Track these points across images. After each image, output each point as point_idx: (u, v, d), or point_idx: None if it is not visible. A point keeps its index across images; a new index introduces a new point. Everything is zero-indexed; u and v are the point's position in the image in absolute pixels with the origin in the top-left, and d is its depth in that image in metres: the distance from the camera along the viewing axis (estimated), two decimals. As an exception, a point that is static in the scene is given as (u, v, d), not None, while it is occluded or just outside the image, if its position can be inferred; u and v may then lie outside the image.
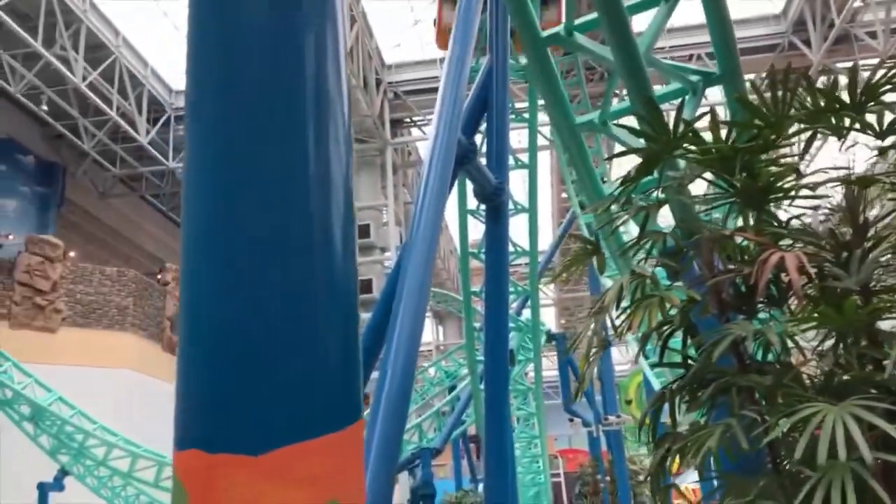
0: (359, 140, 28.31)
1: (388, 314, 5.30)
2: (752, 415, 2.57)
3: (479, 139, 8.33)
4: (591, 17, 4.31)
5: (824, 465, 2.14)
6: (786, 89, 2.86)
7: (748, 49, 25.24)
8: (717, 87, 4.78)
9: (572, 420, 20.31)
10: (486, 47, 8.69)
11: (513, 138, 11.00)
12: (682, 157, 3.31)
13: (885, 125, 2.87)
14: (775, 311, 3.27)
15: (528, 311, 17.44)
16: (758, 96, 2.92)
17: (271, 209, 1.69)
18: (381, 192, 28.89)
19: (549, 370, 23.13)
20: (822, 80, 3.07)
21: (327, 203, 1.69)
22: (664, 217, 4.01)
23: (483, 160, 8.02)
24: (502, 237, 8.19)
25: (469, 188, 9.81)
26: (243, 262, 1.68)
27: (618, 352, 24.52)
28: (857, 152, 3.32)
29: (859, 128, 3.02)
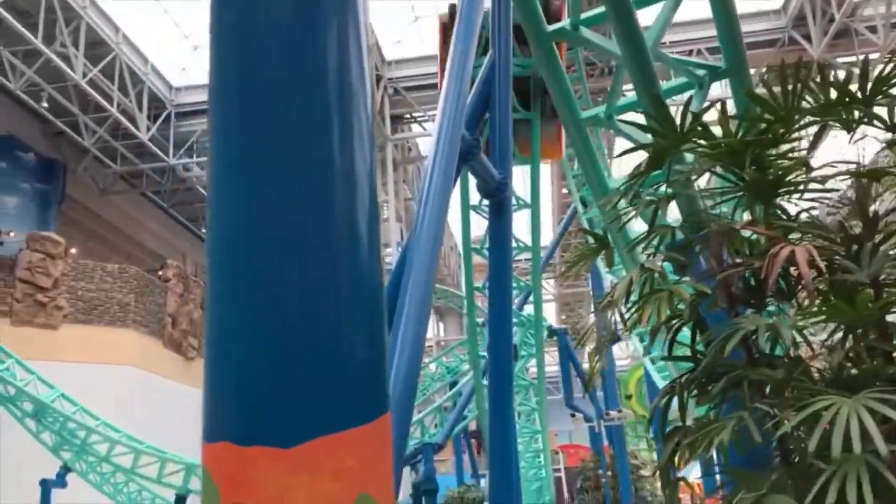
0: (359, 136, 28.29)
1: (392, 310, 5.31)
2: (764, 408, 2.56)
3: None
4: (597, 11, 4.31)
5: (839, 457, 2.15)
6: (796, 83, 2.86)
7: (748, 44, 24.98)
8: (716, 82, 4.79)
9: (574, 415, 20.30)
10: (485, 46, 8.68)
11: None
12: (691, 152, 3.31)
13: (895, 118, 2.87)
14: (783, 305, 3.28)
15: (528, 306, 17.46)
16: (767, 91, 2.92)
17: (296, 205, 1.68)
18: (382, 188, 28.88)
19: (550, 365, 23.14)
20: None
21: (352, 198, 1.69)
22: (668, 212, 4.02)
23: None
24: (505, 232, 8.19)
25: (471, 184, 9.80)
26: (269, 256, 1.68)
27: (617, 347, 24.50)
28: (861, 146, 3.32)
29: (868, 121, 3.02)
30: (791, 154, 3.17)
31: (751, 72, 5.11)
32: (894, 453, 2.25)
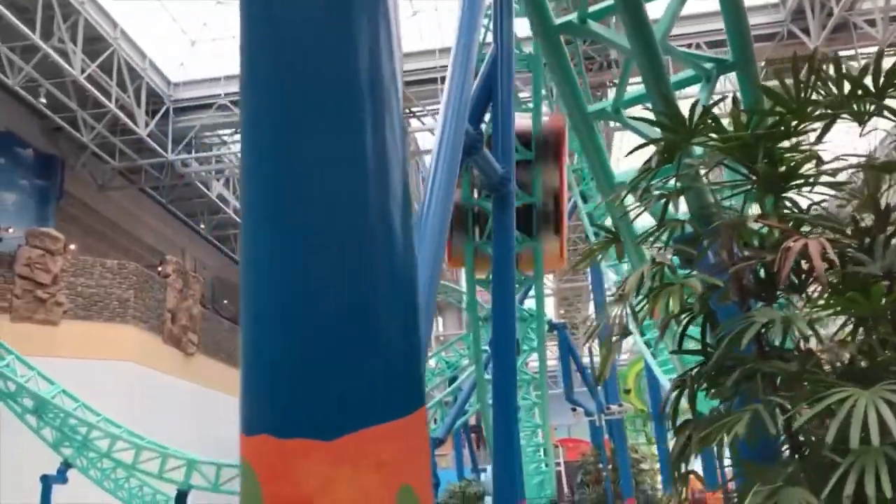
0: (358, 131, 28.23)
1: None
2: (780, 401, 2.57)
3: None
4: (605, 4, 4.30)
5: (857, 449, 2.15)
6: (810, 75, 2.86)
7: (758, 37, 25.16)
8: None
9: (574, 409, 20.35)
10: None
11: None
12: (702, 146, 3.31)
13: (908, 110, 2.87)
14: (789, 298, 3.28)
15: (528, 300, 17.46)
16: (780, 83, 2.92)
17: (330, 199, 1.68)
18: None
19: (549, 360, 23.18)
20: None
21: (385, 191, 1.68)
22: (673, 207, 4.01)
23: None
24: (508, 227, 8.19)
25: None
26: (305, 250, 1.67)
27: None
28: (867, 139, 3.32)
29: (879, 113, 3.02)
30: (801, 147, 3.17)
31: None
32: (912, 445, 2.25)
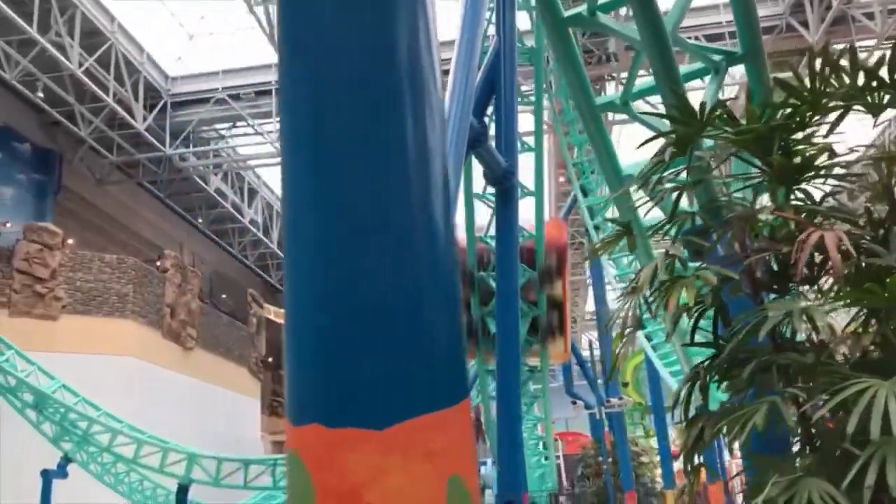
0: (356, 125, 28.16)
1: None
2: (797, 392, 2.57)
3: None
4: (613, -3, 4.29)
5: (878, 440, 2.15)
6: (824, 67, 2.85)
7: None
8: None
9: (575, 403, 20.40)
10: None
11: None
12: (715, 138, 3.30)
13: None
14: (796, 291, 3.28)
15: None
16: (794, 76, 2.92)
17: (372, 192, 1.67)
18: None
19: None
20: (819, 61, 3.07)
21: (427, 184, 1.68)
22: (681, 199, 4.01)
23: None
24: (512, 220, 8.19)
25: (476, 172, 9.79)
26: (349, 240, 1.66)
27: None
28: (878, 131, 3.31)
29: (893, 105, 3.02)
30: (814, 139, 3.17)
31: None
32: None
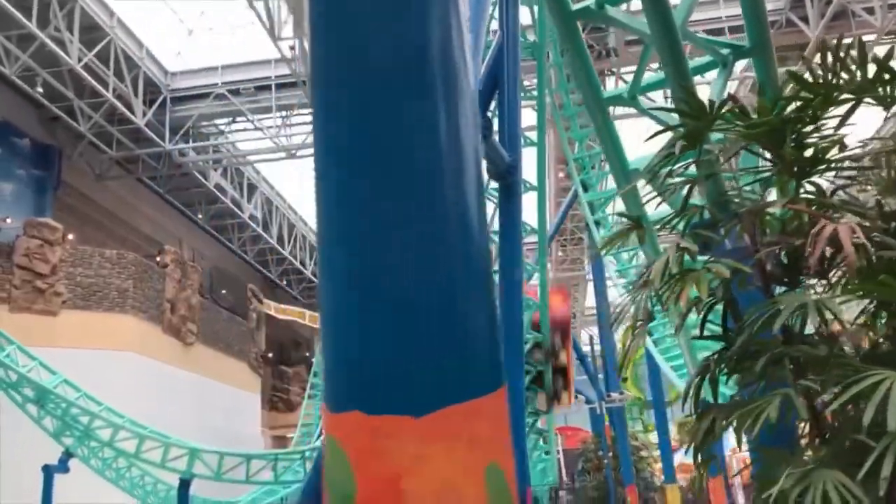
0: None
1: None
2: (810, 384, 2.58)
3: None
4: (622, -10, 4.28)
5: (893, 431, 2.16)
6: (836, 60, 2.86)
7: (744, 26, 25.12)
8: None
9: (576, 397, 20.39)
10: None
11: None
12: (725, 131, 3.30)
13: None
14: (811, 283, 3.29)
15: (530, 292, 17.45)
16: (807, 69, 2.92)
17: (407, 183, 1.67)
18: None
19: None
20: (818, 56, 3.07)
21: (460, 174, 1.68)
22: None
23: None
24: (516, 215, 8.19)
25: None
26: (385, 230, 1.66)
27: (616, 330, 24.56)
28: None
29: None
30: (824, 132, 3.17)
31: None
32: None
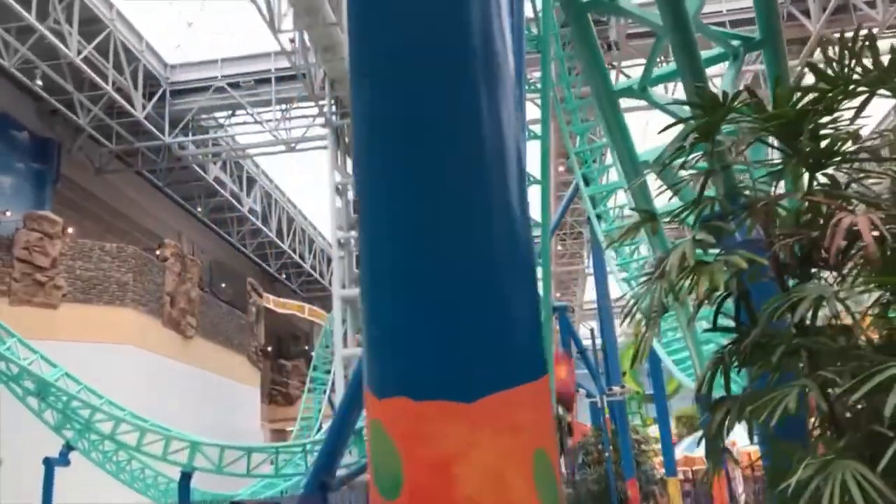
0: (356, 114, 28.12)
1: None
2: (830, 376, 2.58)
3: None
4: (633, -19, 4.27)
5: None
6: (853, 50, 2.85)
7: (745, 20, 25.16)
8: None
9: (577, 391, 20.43)
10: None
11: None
12: (739, 123, 3.30)
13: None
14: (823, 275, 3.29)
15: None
16: (825, 60, 2.91)
17: (449, 172, 1.67)
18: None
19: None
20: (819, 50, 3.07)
21: (502, 164, 1.67)
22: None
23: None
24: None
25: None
26: (430, 219, 1.66)
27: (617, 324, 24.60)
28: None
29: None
30: (839, 123, 3.17)
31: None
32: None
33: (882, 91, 3.11)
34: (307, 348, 48.97)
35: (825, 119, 3.06)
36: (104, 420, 17.93)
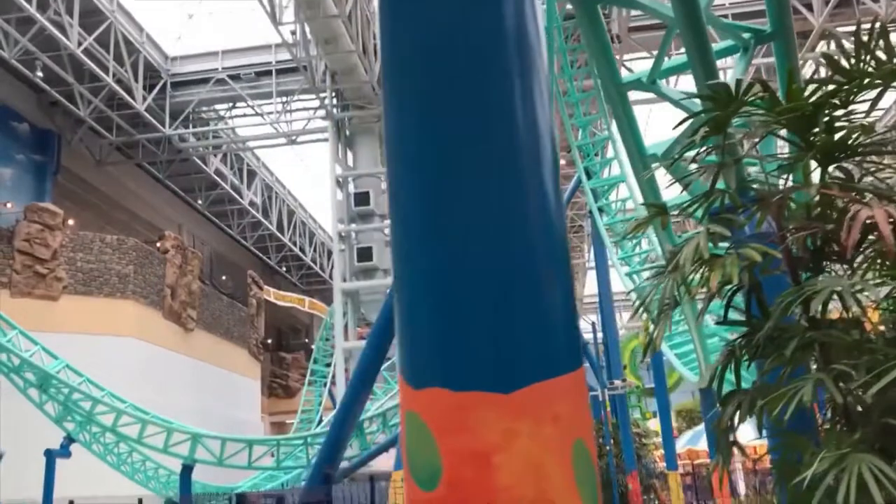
0: (357, 106, 28.09)
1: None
2: (845, 369, 2.57)
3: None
4: (644, -27, 4.25)
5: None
6: (869, 43, 2.84)
7: (748, 14, 25.10)
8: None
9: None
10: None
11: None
12: (750, 116, 3.28)
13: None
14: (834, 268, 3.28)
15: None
16: (840, 53, 2.90)
17: (483, 162, 1.66)
18: (381, 158, 28.74)
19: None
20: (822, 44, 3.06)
21: (536, 155, 1.66)
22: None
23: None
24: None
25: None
26: (466, 209, 1.65)
27: (617, 318, 24.62)
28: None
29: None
30: (853, 117, 3.16)
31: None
32: None
33: (896, 84, 3.11)
34: (307, 341, 49.02)
35: (840, 112, 3.05)
36: (105, 412, 17.94)
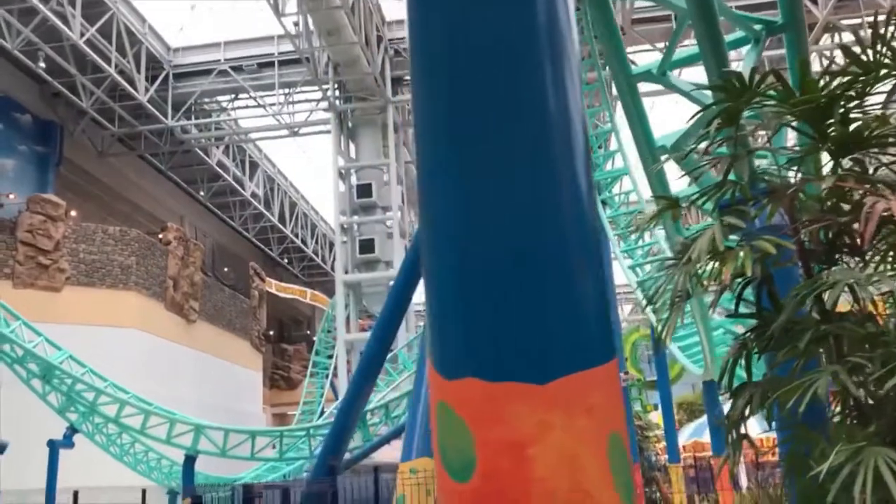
0: (359, 98, 28.02)
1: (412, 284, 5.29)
2: (862, 362, 2.57)
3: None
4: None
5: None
6: (882, 38, 2.82)
7: (752, 6, 24.99)
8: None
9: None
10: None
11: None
12: (762, 108, 3.27)
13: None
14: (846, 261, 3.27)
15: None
16: (859, 45, 2.88)
17: (517, 153, 1.65)
18: (383, 150, 28.68)
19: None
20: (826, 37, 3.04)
21: (568, 142, 1.65)
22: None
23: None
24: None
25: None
26: (497, 202, 1.64)
27: (619, 311, 24.58)
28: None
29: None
30: (868, 109, 3.14)
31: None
32: None
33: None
34: (309, 333, 49.07)
35: (854, 104, 3.04)
36: (108, 403, 17.96)
